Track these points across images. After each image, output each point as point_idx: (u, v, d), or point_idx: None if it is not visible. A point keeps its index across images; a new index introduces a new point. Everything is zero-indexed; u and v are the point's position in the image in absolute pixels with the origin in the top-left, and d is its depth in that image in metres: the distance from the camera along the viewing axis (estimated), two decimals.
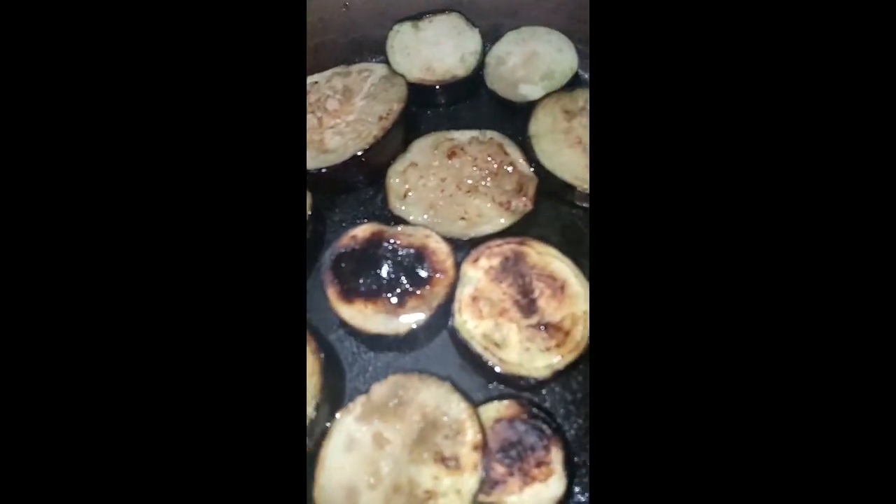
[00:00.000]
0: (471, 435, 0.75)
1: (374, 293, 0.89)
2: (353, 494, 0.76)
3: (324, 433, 0.80)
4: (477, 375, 0.88)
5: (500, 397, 0.83)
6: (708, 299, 0.48)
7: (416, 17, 1.20)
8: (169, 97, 0.52)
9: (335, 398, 0.85)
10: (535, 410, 0.80)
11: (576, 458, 0.80)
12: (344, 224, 1.06)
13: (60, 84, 0.50)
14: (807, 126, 0.49)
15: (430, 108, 1.19)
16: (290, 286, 0.53)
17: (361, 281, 0.90)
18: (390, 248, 0.93)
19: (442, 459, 0.74)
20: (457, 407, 0.77)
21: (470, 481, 0.72)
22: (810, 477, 0.45)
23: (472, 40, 1.18)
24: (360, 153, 1.02)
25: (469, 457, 0.74)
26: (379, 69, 1.14)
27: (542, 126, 1.05)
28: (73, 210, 0.50)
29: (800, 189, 0.48)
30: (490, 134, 1.07)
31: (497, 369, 0.82)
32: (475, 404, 0.78)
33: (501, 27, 1.21)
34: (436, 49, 1.18)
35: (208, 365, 0.50)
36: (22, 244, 0.49)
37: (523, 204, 0.98)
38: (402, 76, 1.11)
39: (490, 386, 0.87)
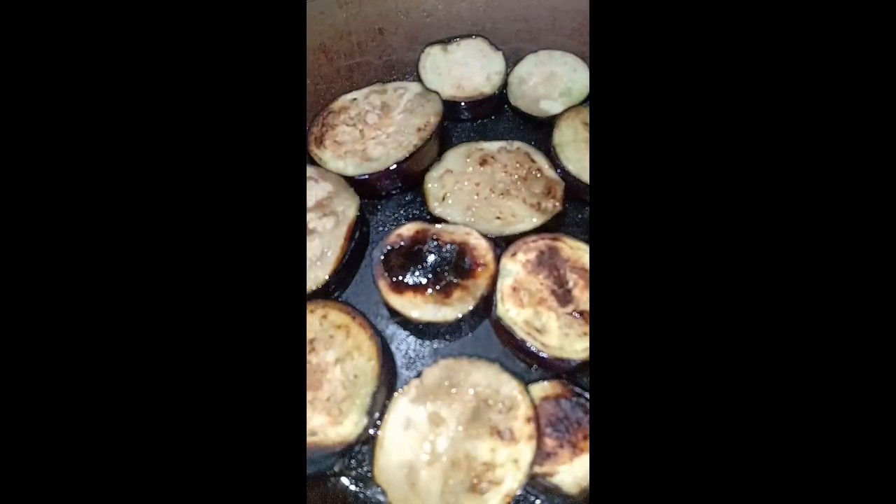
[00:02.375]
0: (524, 408, 0.81)
1: (422, 285, 0.95)
2: (412, 472, 0.81)
3: (381, 416, 0.85)
4: (519, 360, 0.95)
5: (543, 379, 0.89)
6: (707, 298, 0.49)
7: (445, 41, 1.32)
8: (171, 98, 0.52)
9: (390, 382, 0.91)
10: (577, 389, 0.86)
11: None
12: (384, 226, 1.13)
13: (64, 98, 0.51)
14: (805, 127, 0.50)
15: (459, 122, 1.29)
16: (290, 285, 0.53)
17: (410, 274, 0.97)
18: (434, 244, 1.00)
19: (497, 433, 0.80)
20: (508, 385, 0.84)
21: (526, 450, 0.78)
22: (810, 476, 0.46)
23: (496, 62, 1.29)
24: (401, 161, 1.10)
25: (523, 429, 0.79)
26: (413, 87, 1.24)
27: (565, 136, 1.15)
28: (77, 215, 0.50)
29: (798, 189, 0.49)
30: (517, 144, 1.17)
31: (541, 354, 0.89)
32: (525, 382, 0.84)
33: (521, 51, 1.34)
34: (464, 69, 1.29)
35: (208, 364, 0.50)
36: (16, 236, 0.48)
37: (553, 205, 1.07)
38: (436, 92, 1.21)
39: (531, 370, 0.94)
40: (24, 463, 0.47)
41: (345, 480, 0.85)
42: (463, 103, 1.25)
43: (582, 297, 0.94)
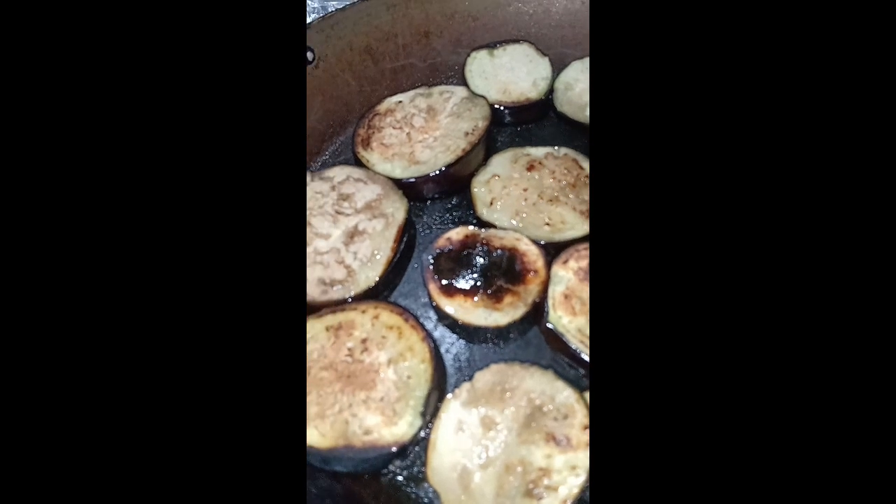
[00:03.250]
0: (580, 416, 0.81)
1: (472, 289, 0.96)
2: (465, 475, 0.81)
3: (434, 418, 0.86)
4: (569, 367, 0.95)
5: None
6: (707, 297, 0.49)
7: (491, 45, 1.33)
8: (171, 100, 0.52)
9: (442, 385, 0.91)
10: None
11: None
12: (430, 229, 1.14)
13: (66, 103, 0.50)
14: (806, 126, 0.50)
15: (503, 126, 1.30)
16: (291, 284, 0.53)
17: (460, 278, 0.97)
18: (484, 248, 1.01)
19: (553, 440, 0.80)
20: (564, 392, 0.84)
21: (584, 458, 0.78)
22: (810, 475, 0.45)
23: (542, 67, 1.30)
24: (449, 165, 1.11)
25: (581, 436, 0.79)
26: (459, 91, 1.25)
27: None
28: (79, 219, 0.50)
29: (797, 188, 0.49)
30: (564, 150, 1.18)
31: None
32: (580, 389, 0.84)
33: (566, 56, 1.34)
34: (511, 74, 1.30)
35: (209, 364, 0.50)
36: (15, 234, 0.49)
37: None
38: (483, 97, 1.22)
39: (583, 378, 0.94)
40: (23, 465, 0.47)
41: (398, 479, 0.86)
42: (506, 108, 1.25)
43: None
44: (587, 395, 0.87)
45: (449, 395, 0.87)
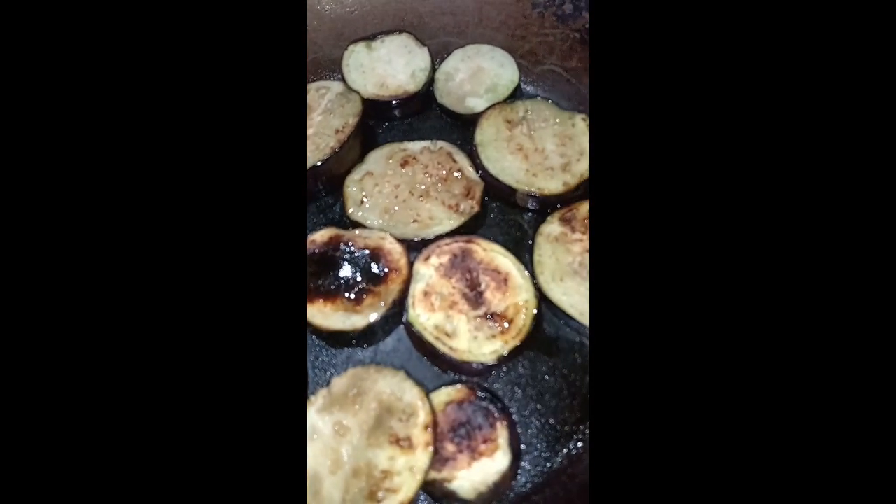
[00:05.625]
0: (422, 416, 0.81)
1: (332, 292, 0.95)
2: (315, 481, 0.81)
3: None
4: (432, 365, 0.95)
5: (452, 383, 0.89)
6: (703, 296, 0.50)
7: (370, 37, 1.29)
8: (171, 101, 0.53)
9: None
10: (482, 393, 0.87)
11: (521, 437, 0.88)
12: (306, 231, 1.12)
13: (66, 91, 0.51)
14: (802, 131, 0.50)
15: (386, 121, 1.27)
16: (292, 285, 0.54)
17: (321, 282, 0.96)
18: (347, 250, 0.99)
19: (396, 441, 0.80)
20: (410, 392, 0.84)
21: (422, 458, 0.78)
22: (809, 470, 0.46)
23: (421, 58, 1.27)
24: (318, 164, 1.08)
25: (421, 436, 0.80)
26: (335, 86, 1.22)
27: (486, 135, 1.14)
28: (77, 214, 0.50)
29: (796, 189, 0.49)
30: (441, 144, 1.16)
31: (450, 357, 0.89)
32: (427, 389, 0.85)
33: (449, 45, 1.31)
34: (388, 67, 1.26)
35: (209, 365, 0.50)
36: (16, 239, 0.49)
37: (470, 206, 1.07)
38: (357, 92, 1.19)
39: (445, 375, 0.94)
40: (23, 464, 0.47)
41: None
42: (386, 102, 1.23)
43: (494, 299, 0.94)
44: (439, 392, 0.87)
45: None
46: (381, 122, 1.27)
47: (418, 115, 1.28)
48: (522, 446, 0.87)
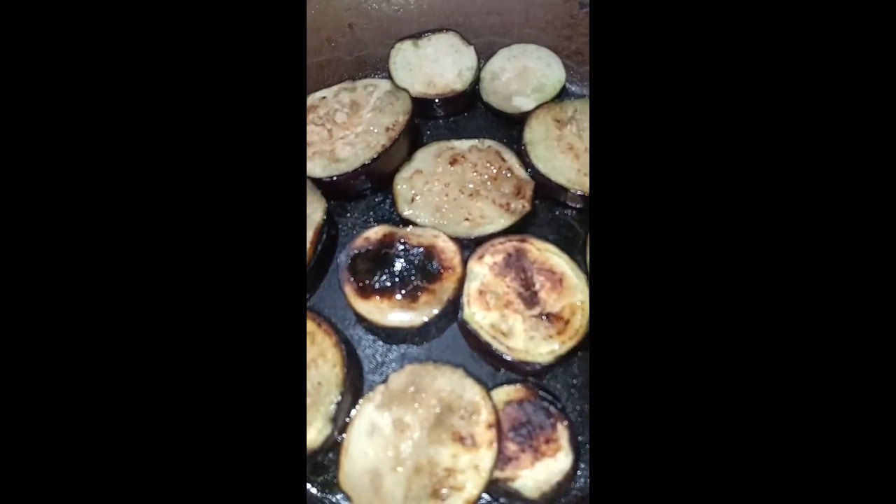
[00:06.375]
0: (485, 414, 0.81)
1: (388, 289, 0.95)
2: (376, 478, 0.81)
3: (347, 422, 0.86)
4: (486, 364, 0.95)
5: (509, 382, 0.89)
6: (703, 295, 0.50)
7: (416, 35, 1.29)
8: (171, 101, 0.52)
9: (356, 388, 0.91)
10: (542, 393, 0.87)
11: (580, 437, 0.87)
12: (355, 228, 1.12)
13: (67, 94, 0.51)
14: (802, 131, 0.50)
15: (431, 120, 1.27)
16: (292, 286, 0.54)
17: (377, 278, 0.96)
18: (402, 247, 0.99)
19: (459, 439, 0.80)
20: (471, 390, 0.84)
21: (487, 457, 0.78)
22: (809, 467, 0.46)
23: (468, 57, 1.27)
24: (369, 162, 1.09)
25: (484, 434, 0.80)
26: (383, 84, 1.22)
27: (536, 134, 1.14)
28: (76, 216, 0.50)
29: (795, 190, 0.50)
30: (488, 142, 1.16)
31: (506, 357, 0.89)
32: (488, 387, 0.85)
33: (494, 45, 1.31)
34: (435, 65, 1.27)
35: (209, 365, 0.50)
36: (18, 242, 0.49)
37: (522, 205, 1.06)
38: (406, 90, 1.19)
39: (499, 373, 0.94)
40: (22, 467, 0.47)
41: (310, 487, 0.85)
42: (437, 100, 1.23)
43: (549, 299, 0.94)
44: (498, 391, 0.87)
45: (363, 399, 0.87)
46: (426, 120, 1.27)
47: (463, 115, 1.28)
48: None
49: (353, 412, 0.87)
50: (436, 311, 0.93)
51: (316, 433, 0.83)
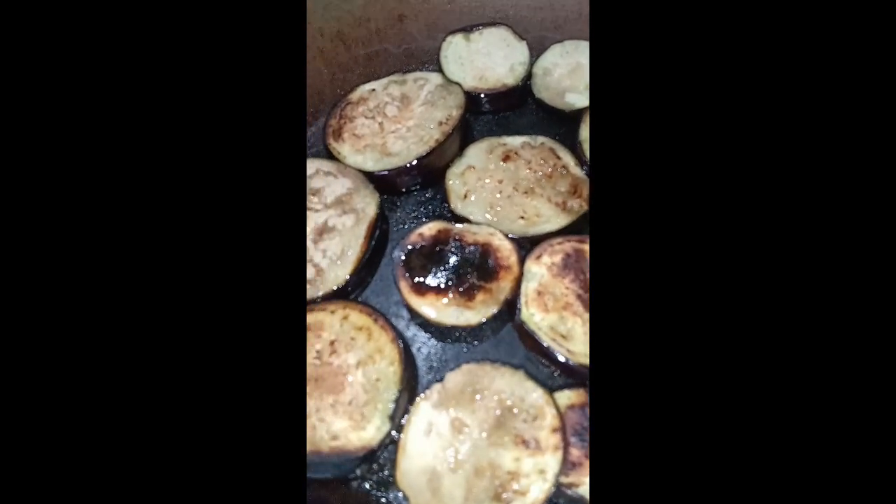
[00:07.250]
0: (549, 418, 0.79)
1: (444, 287, 0.93)
2: (434, 478, 0.80)
3: (404, 420, 0.84)
4: (542, 366, 0.93)
5: (568, 386, 0.87)
6: (705, 298, 0.49)
7: (468, 29, 1.27)
8: (170, 100, 0.52)
9: (412, 386, 0.89)
10: None
11: None
12: (404, 224, 1.11)
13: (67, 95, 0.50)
14: (802, 132, 0.50)
15: (481, 115, 1.25)
16: (292, 286, 0.53)
17: (432, 275, 0.94)
18: (457, 244, 0.98)
19: (522, 442, 0.79)
20: (534, 393, 0.82)
21: (552, 461, 0.76)
22: (809, 471, 0.46)
23: (520, 52, 1.24)
24: (422, 156, 1.07)
25: (549, 439, 0.78)
26: (434, 77, 1.20)
27: None
28: (74, 216, 0.50)
29: (795, 191, 0.49)
30: (541, 139, 1.13)
31: (566, 361, 0.87)
32: (551, 390, 0.83)
33: (546, 40, 1.28)
34: (488, 59, 1.24)
35: (209, 365, 0.50)
36: (15, 235, 0.49)
37: (579, 204, 1.04)
38: (458, 84, 1.17)
39: (555, 375, 0.92)
40: (23, 467, 0.46)
41: (366, 485, 0.84)
42: (484, 95, 1.21)
43: None
44: (559, 395, 0.85)
45: (419, 397, 0.86)
46: (474, 115, 1.25)
47: (513, 110, 1.26)
48: None
49: (409, 410, 0.85)
50: (494, 311, 0.91)
51: (374, 430, 0.81)
